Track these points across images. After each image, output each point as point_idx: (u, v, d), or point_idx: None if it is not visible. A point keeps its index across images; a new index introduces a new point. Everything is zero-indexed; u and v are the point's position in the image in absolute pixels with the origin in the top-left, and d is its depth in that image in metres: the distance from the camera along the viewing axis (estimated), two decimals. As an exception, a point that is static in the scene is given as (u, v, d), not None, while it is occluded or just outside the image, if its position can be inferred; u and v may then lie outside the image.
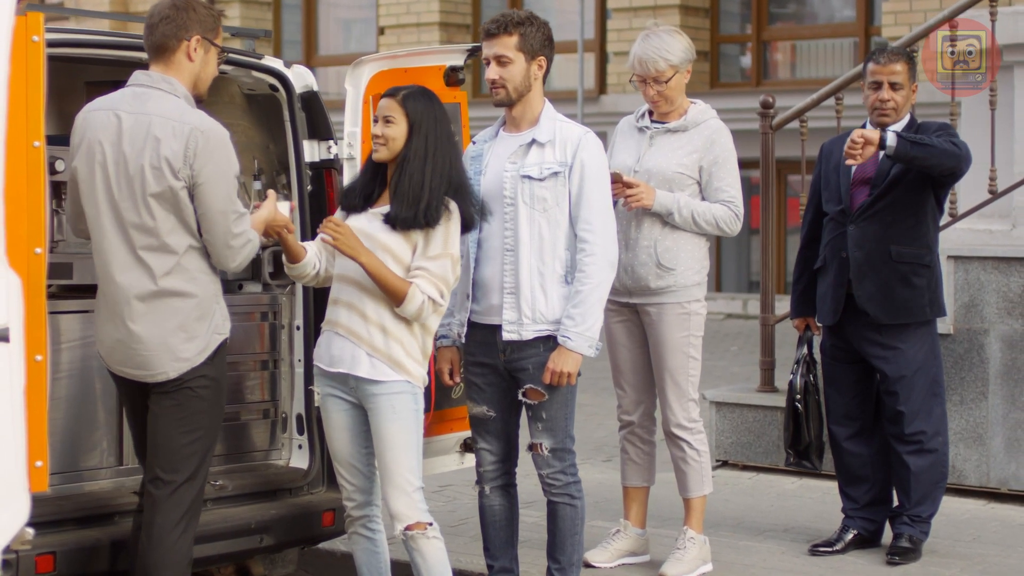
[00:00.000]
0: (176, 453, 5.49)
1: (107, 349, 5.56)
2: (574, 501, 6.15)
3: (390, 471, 5.65)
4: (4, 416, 4.67)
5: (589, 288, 5.90)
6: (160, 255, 5.40)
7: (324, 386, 5.81)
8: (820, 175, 7.18)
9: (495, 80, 6.03)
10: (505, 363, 6.03)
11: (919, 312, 6.89)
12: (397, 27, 19.28)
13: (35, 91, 4.82)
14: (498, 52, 6.00)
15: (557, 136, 6.01)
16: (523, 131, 6.07)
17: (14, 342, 4.69)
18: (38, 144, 4.85)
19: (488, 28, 6.06)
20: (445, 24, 18.97)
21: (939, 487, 7.06)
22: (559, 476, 6.11)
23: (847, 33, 17.24)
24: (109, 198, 5.41)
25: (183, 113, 5.39)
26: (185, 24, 5.48)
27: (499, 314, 5.97)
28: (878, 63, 6.98)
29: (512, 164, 6.01)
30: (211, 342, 5.50)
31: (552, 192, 5.95)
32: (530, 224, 5.94)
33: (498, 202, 5.99)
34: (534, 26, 6.03)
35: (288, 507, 6.36)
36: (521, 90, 6.02)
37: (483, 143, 6.18)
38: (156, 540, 5.47)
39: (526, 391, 6.02)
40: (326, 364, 5.75)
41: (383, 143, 5.67)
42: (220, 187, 5.38)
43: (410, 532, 5.67)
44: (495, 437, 6.16)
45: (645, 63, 6.65)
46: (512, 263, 5.95)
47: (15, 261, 4.72)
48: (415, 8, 19.12)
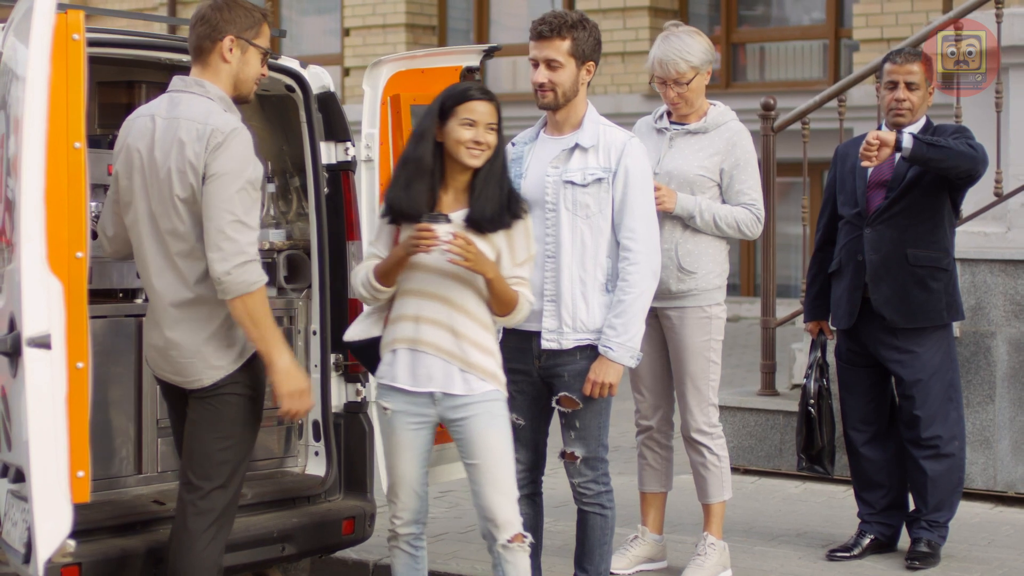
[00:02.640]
0: (209, 459, 5.40)
1: (151, 354, 5.50)
2: (605, 511, 6.07)
3: (498, 480, 5.51)
4: (46, 425, 4.58)
5: (632, 297, 5.81)
6: (192, 261, 5.30)
7: (400, 405, 5.56)
8: (835, 178, 7.13)
9: (544, 84, 5.87)
10: (540, 370, 5.93)
11: (936, 316, 6.85)
12: (362, 28, 19.17)
13: (76, 91, 4.73)
14: (549, 56, 5.86)
15: (601, 141, 5.89)
16: (565, 134, 5.95)
17: (56, 349, 4.61)
18: (79, 145, 4.76)
19: (540, 30, 5.88)
20: (411, 26, 18.87)
21: (956, 492, 7.02)
22: (591, 485, 6.03)
23: (817, 35, 17.24)
24: (147, 204, 5.33)
25: (209, 115, 5.28)
26: (219, 25, 5.38)
27: (537, 320, 5.86)
28: (895, 63, 6.93)
29: (554, 169, 5.88)
30: (246, 349, 5.40)
31: (595, 198, 5.84)
32: (572, 230, 5.83)
33: (539, 207, 5.85)
34: (586, 30, 5.88)
35: (308, 515, 6.25)
36: (569, 95, 5.89)
37: (523, 145, 6.05)
38: (186, 546, 5.39)
39: (560, 398, 5.93)
40: (407, 384, 5.50)
41: (485, 150, 5.43)
42: (228, 185, 5.21)
43: (511, 544, 5.54)
44: (524, 446, 6.05)
45: (665, 65, 6.59)
46: (553, 270, 5.84)
47: (56, 266, 4.64)
48: (381, 9, 19.00)
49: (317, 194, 6.44)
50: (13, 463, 4.88)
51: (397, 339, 5.54)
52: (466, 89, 5.49)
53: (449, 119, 5.42)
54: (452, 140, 5.43)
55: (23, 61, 4.71)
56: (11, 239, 4.81)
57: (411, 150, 5.49)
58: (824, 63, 17.07)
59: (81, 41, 4.72)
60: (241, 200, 5.23)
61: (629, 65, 17.74)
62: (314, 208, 6.44)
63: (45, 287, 4.58)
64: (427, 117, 5.49)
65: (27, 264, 4.56)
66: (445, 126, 5.43)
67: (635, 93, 17.68)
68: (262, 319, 5.26)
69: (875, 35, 16.00)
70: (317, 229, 6.43)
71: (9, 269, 4.82)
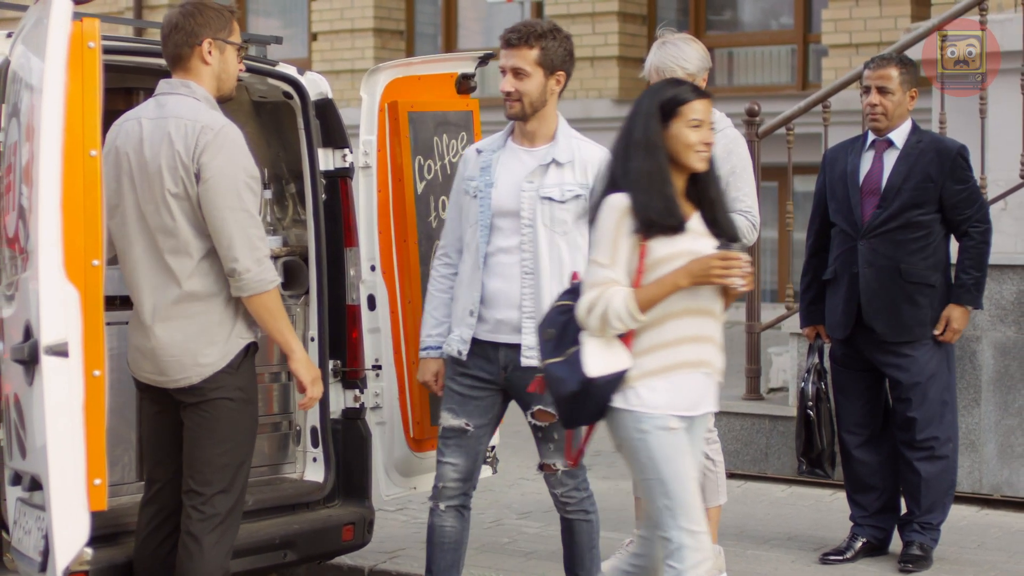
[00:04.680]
0: (209, 465, 5.41)
1: (134, 355, 5.51)
2: (589, 516, 6.07)
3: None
4: (64, 433, 4.58)
5: None
6: (182, 258, 5.32)
7: (679, 432, 5.10)
8: (825, 184, 7.17)
9: (510, 93, 5.79)
10: (505, 381, 5.87)
11: (920, 331, 6.89)
12: (330, 33, 19.13)
13: (91, 99, 4.72)
14: (516, 64, 5.78)
15: (576, 156, 5.83)
16: (538, 146, 5.87)
17: (73, 357, 4.60)
18: (95, 153, 4.76)
19: (509, 38, 5.82)
20: (379, 30, 18.83)
21: (948, 494, 7.09)
22: (573, 493, 6.01)
23: (786, 40, 17.29)
24: (135, 205, 5.35)
25: (197, 113, 5.33)
26: (194, 30, 5.42)
27: (509, 333, 5.79)
28: (870, 68, 7.02)
29: (530, 183, 5.80)
30: (233, 347, 5.42)
31: (573, 214, 5.79)
32: (550, 247, 5.78)
33: (512, 219, 5.80)
34: (556, 40, 5.80)
35: (309, 522, 6.26)
36: (536, 105, 5.81)
37: (490, 153, 5.91)
38: (190, 550, 5.40)
39: (536, 413, 5.88)
40: (688, 410, 5.11)
41: (709, 151, 5.15)
42: (231, 183, 5.26)
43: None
44: (464, 453, 5.95)
45: (662, 72, 6.60)
46: (532, 287, 5.77)
47: (73, 274, 4.64)
48: (348, 14, 18.96)
49: (315, 201, 6.44)
50: (28, 471, 4.87)
51: (684, 363, 5.10)
52: (684, 88, 5.17)
53: (672, 121, 5.07)
54: (680, 144, 5.07)
55: (37, 69, 4.71)
56: (24, 247, 4.80)
57: (645, 162, 5.05)
58: (793, 68, 17.12)
59: (97, 49, 4.72)
60: (248, 195, 5.31)
61: (598, 70, 17.75)
62: (312, 215, 6.44)
63: (62, 295, 4.57)
64: (645, 122, 5.09)
65: (44, 272, 4.55)
66: (667, 130, 5.07)
67: (604, 98, 17.69)
68: (279, 313, 5.39)
69: (844, 40, 16.05)
70: (315, 236, 6.43)
71: (23, 277, 4.81)
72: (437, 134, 6.65)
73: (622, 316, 4.97)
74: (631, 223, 5.01)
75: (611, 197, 5.07)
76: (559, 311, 5.20)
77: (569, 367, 5.04)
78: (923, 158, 6.88)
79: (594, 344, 5.05)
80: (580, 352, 5.04)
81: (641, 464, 5.09)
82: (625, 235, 5.02)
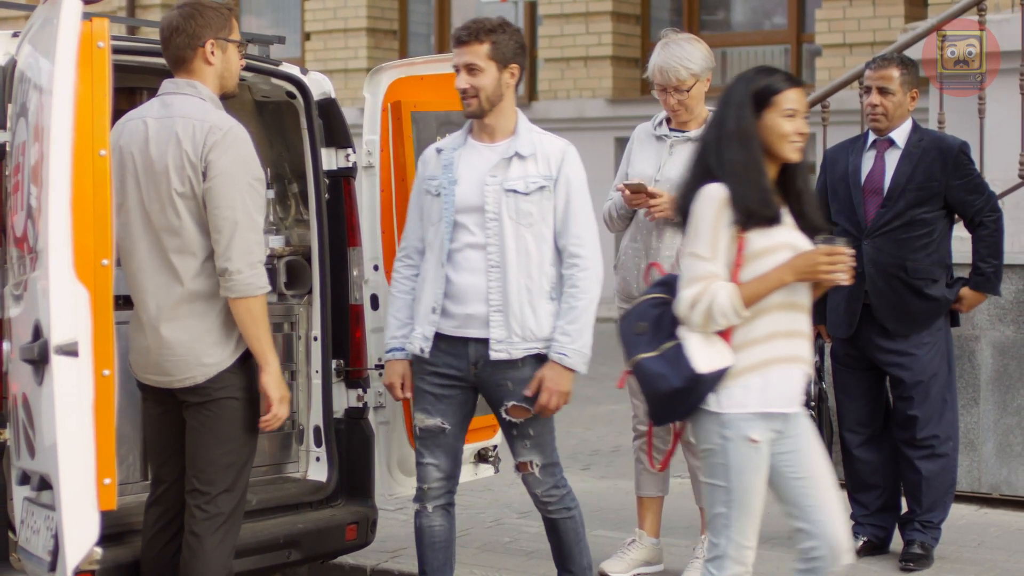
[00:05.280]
0: (212, 465, 5.42)
1: (136, 357, 5.51)
2: (571, 512, 6.04)
3: (836, 496, 5.13)
4: (74, 433, 4.58)
5: (584, 303, 5.77)
6: (187, 257, 5.32)
7: (766, 433, 4.99)
8: (826, 184, 7.18)
9: (466, 90, 5.79)
10: (475, 377, 5.85)
11: (930, 321, 6.93)
12: (324, 33, 19.16)
13: (101, 98, 4.73)
14: (468, 61, 5.78)
15: (539, 149, 5.84)
16: (499, 142, 5.87)
17: (83, 356, 4.61)
18: (104, 153, 4.78)
19: (459, 36, 5.83)
20: (372, 30, 18.86)
21: (949, 492, 7.11)
22: (553, 492, 5.99)
23: (779, 40, 17.36)
24: (140, 204, 5.35)
25: (205, 113, 5.34)
26: (196, 32, 5.42)
27: (478, 328, 5.78)
28: (871, 68, 7.04)
29: (493, 177, 5.79)
30: (238, 348, 5.42)
31: (538, 206, 5.79)
32: (516, 239, 5.77)
33: (477, 214, 5.79)
34: (506, 33, 5.81)
35: (313, 521, 6.27)
36: (493, 100, 5.81)
37: (452, 151, 5.91)
38: (194, 550, 5.41)
39: (510, 409, 5.85)
40: (785, 406, 5.02)
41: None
42: (235, 183, 5.27)
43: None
44: (444, 452, 5.95)
45: (666, 72, 6.62)
46: (499, 279, 5.76)
47: (82, 273, 4.64)
48: (342, 14, 18.99)
49: (318, 200, 6.45)
50: (37, 471, 4.87)
51: (783, 358, 4.98)
52: (777, 76, 5.04)
53: (765, 111, 4.96)
54: (774, 135, 4.97)
55: (46, 69, 4.72)
56: (33, 247, 4.81)
57: (740, 153, 4.96)
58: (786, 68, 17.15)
59: (106, 48, 4.74)
60: (251, 198, 5.30)
61: (592, 70, 17.80)
62: (315, 214, 6.45)
63: (72, 295, 4.59)
64: (738, 112, 4.99)
65: (54, 272, 4.56)
66: (760, 119, 4.96)
67: (598, 98, 17.75)
68: (262, 320, 5.36)
69: (837, 40, 16.11)
70: (318, 235, 6.44)
71: (32, 277, 4.82)
72: (440, 134, 6.65)
73: (727, 312, 4.86)
74: (730, 214, 4.89)
75: (708, 187, 4.94)
76: (651, 304, 5.07)
77: (667, 363, 4.92)
78: (926, 157, 6.91)
79: (697, 339, 4.91)
80: (681, 348, 4.91)
81: (713, 467, 5.01)
82: (724, 227, 4.89)
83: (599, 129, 17.71)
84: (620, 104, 17.68)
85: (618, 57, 17.82)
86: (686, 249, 5.01)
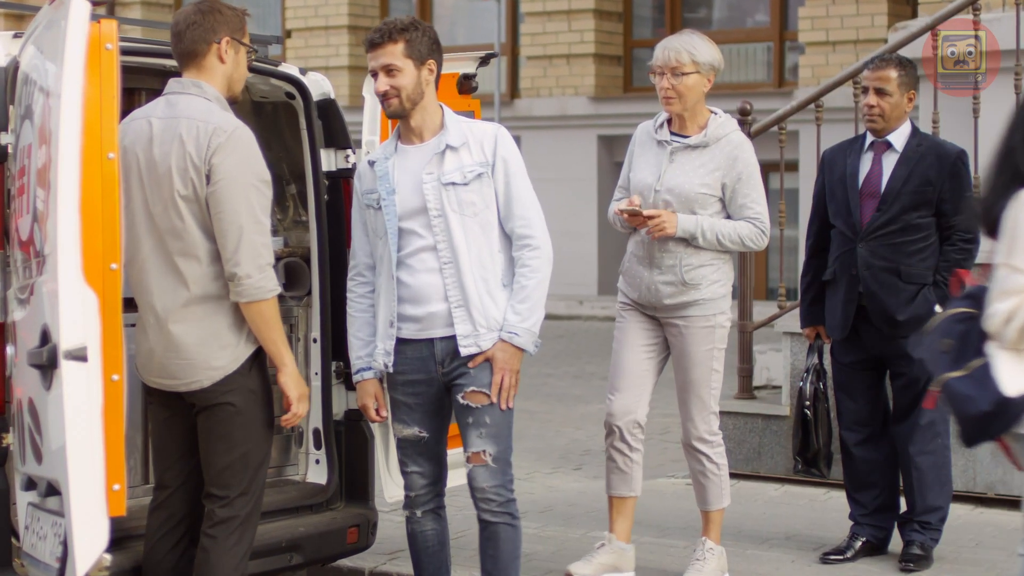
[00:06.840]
0: (227, 469, 5.40)
1: (143, 360, 5.46)
2: (515, 521, 5.84)
3: None
4: (83, 438, 4.55)
5: (535, 283, 5.72)
6: (191, 260, 5.28)
7: None
8: (824, 186, 7.17)
9: (386, 91, 5.72)
10: (443, 375, 5.79)
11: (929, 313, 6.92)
12: (305, 30, 19.11)
13: (109, 101, 4.70)
14: (385, 62, 5.70)
15: (470, 137, 5.77)
16: (428, 140, 5.80)
17: (92, 361, 4.57)
18: (112, 156, 4.75)
19: (372, 38, 5.76)
20: (354, 27, 18.82)
21: (946, 489, 7.10)
22: (500, 492, 5.77)
23: (762, 38, 17.36)
24: (144, 206, 5.30)
25: (209, 114, 5.29)
26: (213, 27, 5.39)
27: (441, 327, 5.72)
28: (869, 68, 7.04)
29: (429, 175, 5.73)
30: (245, 350, 5.38)
31: (480, 194, 5.73)
32: (464, 232, 5.70)
33: (421, 216, 5.71)
34: (419, 31, 5.75)
35: (314, 524, 6.24)
36: (415, 98, 5.73)
37: (384, 161, 5.83)
38: (209, 552, 5.38)
39: (467, 394, 5.74)
40: None
41: None
42: (241, 186, 5.23)
43: None
44: (427, 459, 5.89)
45: (667, 51, 6.53)
46: (454, 275, 5.70)
47: (91, 277, 4.61)
48: (323, 11, 18.94)
49: (317, 201, 6.42)
50: (44, 476, 4.84)
51: None
52: None
53: None
54: None
55: (53, 71, 4.68)
56: (40, 250, 4.77)
57: None
58: (769, 66, 17.19)
59: (114, 51, 4.71)
60: (257, 200, 5.27)
61: (574, 68, 17.78)
62: (314, 215, 6.42)
63: (81, 299, 4.55)
64: None
65: (63, 276, 4.53)
66: None
67: (581, 96, 17.73)
68: (275, 322, 5.35)
69: (820, 38, 16.13)
70: (317, 237, 6.41)
71: (39, 281, 4.78)
72: (440, 134, 6.62)
73: None
74: None
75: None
76: (955, 319, 4.64)
77: (976, 383, 4.49)
78: (923, 162, 6.91)
79: (1007, 358, 4.47)
80: (988, 367, 4.48)
81: None
82: None
83: (582, 127, 17.71)
84: (603, 102, 17.68)
85: (600, 55, 17.81)
86: (1000, 259, 4.51)
